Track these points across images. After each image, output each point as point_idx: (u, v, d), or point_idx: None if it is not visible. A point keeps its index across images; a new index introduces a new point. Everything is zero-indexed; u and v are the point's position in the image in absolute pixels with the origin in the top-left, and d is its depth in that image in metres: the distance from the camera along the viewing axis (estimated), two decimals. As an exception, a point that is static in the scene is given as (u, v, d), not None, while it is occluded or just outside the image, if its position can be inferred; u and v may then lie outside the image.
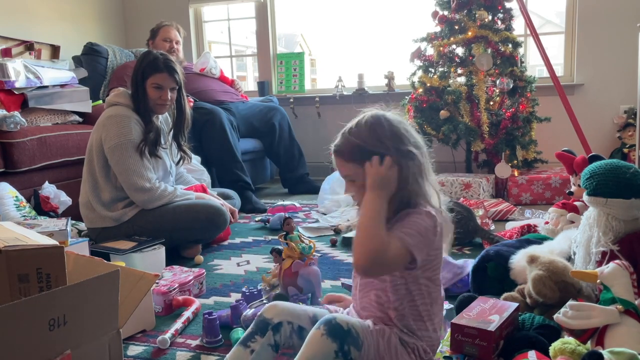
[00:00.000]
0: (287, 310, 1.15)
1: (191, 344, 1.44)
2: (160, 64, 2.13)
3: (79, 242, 1.87)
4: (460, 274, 1.71)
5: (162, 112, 2.23)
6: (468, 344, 1.16)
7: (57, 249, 0.99)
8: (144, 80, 2.13)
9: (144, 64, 2.14)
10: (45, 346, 0.87)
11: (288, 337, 1.13)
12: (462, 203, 2.39)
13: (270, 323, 1.12)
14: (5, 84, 2.56)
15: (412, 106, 3.39)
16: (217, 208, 2.23)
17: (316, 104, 4.20)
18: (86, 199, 2.19)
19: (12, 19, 3.50)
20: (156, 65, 2.12)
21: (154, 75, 2.12)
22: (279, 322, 1.13)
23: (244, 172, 3.24)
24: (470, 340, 1.16)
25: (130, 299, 1.15)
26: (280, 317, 1.13)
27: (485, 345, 1.15)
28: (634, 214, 1.35)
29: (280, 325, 1.13)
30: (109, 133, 2.10)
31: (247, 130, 3.54)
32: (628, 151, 3.47)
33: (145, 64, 2.13)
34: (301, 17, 6.34)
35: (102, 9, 4.37)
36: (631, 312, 1.09)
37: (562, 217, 1.96)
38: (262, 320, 1.13)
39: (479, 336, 1.16)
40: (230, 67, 4.70)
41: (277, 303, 1.17)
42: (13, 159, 2.43)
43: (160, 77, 2.13)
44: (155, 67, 2.12)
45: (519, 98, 3.23)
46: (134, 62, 3.44)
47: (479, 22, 3.24)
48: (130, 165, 2.09)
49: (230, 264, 2.15)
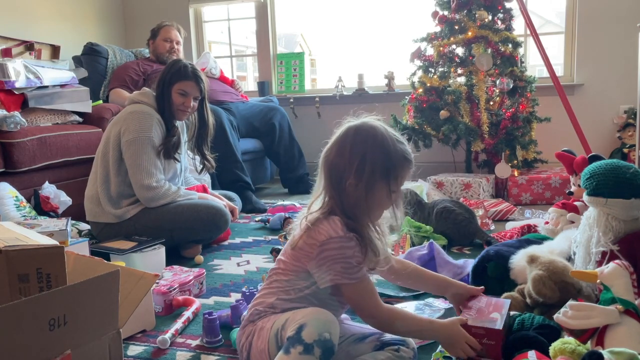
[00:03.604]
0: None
1: (191, 344, 1.44)
2: (189, 72, 2.20)
3: (79, 242, 1.87)
4: (460, 274, 1.71)
5: (182, 119, 2.29)
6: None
7: (57, 249, 0.99)
8: (171, 85, 2.19)
9: (172, 70, 2.21)
10: (45, 346, 0.87)
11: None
12: (463, 204, 2.39)
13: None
14: (5, 84, 2.56)
15: (412, 106, 3.39)
16: (219, 208, 2.23)
17: (316, 104, 4.20)
18: (94, 192, 2.21)
19: (12, 19, 3.50)
20: (185, 72, 2.20)
21: (181, 82, 2.19)
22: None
23: (244, 172, 3.24)
24: (478, 340, 1.15)
25: (130, 299, 1.15)
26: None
27: (494, 344, 1.15)
28: (634, 214, 1.35)
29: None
30: (129, 127, 2.14)
31: (247, 130, 3.54)
32: (628, 151, 3.47)
33: (175, 70, 2.20)
34: (301, 17, 6.34)
35: (102, 9, 4.37)
36: (631, 312, 1.09)
37: (562, 217, 1.96)
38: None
39: (487, 335, 1.15)
40: (230, 67, 4.70)
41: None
42: (13, 159, 2.43)
43: (186, 85, 2.20)
44: (184, 75, 2.20)
45: (519, 98, 3.23)
46: (134, 62, 3.48)
47: (479, 22, 3.24)
48: (143, 162, 2.12)
49: (230, 264, 2.15)
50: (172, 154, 2.22)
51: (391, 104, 3.94)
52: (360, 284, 1.14)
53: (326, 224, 1.13)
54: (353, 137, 1.14)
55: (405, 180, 1.18)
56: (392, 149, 1.13)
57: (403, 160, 1.15)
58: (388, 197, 1.15)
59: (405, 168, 1.16)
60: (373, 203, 1.15)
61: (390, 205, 1.19)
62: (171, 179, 2.29)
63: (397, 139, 1.16)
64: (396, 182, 1.15)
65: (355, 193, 1.13)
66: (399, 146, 1.15)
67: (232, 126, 3.31)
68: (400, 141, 1.16)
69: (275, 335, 1.10)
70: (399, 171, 1.15)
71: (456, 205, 2.32)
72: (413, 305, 1.54)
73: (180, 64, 2.23)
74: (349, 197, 1.14)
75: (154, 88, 2.25)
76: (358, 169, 1.12)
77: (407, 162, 1.16)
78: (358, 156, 1.12)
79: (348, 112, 1.21)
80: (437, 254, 1.77)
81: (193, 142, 2.37)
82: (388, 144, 1.13)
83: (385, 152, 1.13)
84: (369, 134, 1.14)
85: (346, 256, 1.11)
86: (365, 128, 1.15)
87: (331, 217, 1.14)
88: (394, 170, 1.14)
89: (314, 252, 1.12)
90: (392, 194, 1.16)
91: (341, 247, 1.11)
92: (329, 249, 1.11)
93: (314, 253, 1.12)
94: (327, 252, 1.11)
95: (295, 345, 1.02)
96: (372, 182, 1.12)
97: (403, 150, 1.15)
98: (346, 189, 1.14)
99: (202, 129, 2.35)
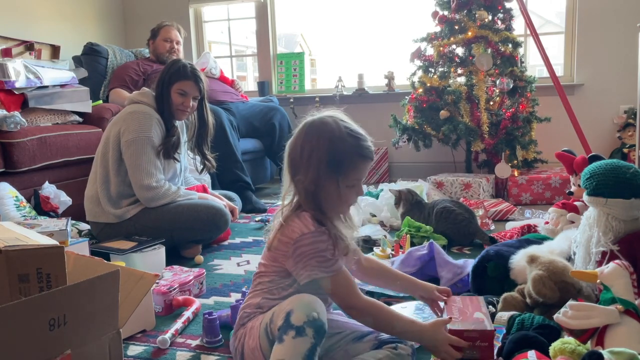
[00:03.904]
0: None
1: (191, 344, 1.44)
2: (188, 72, 2.20)
3: (79, 242, 1.87)
4: (460, 274, 1.70)
5: (181, 119, 2.29)
6: (468, 348, 1.14)
7: (57, 249, 0.99)
8: (170, 85, 2.19)
9: (172, 70, 2.20)
10: (45, 346, 0.87)
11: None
12: (463, 204, 2.39)
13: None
14: (5, 84, 2.56)
15: (412, 106, 3.39)
16: (219, 209, 2.23)
17: (316, 104, 4.20)
18: (94, 192, 2.21)
19: (12, 19, 3.50)
20: (184, 72, 2.20)
21: (180, 82, 2.19)
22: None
23: (244, 172, 3.23)
24: (471, 343, 1.14)
25: (130, 299, 1.15)
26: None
27: (487, 345, 1.14)
28: (634, 214, 1.35)
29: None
30: (129, 127, 2.14)
31: (247, 130, 3.54)
32: (628, 151, 3.47)
33: (174, 70, 2.20)
34: (301, 17, 6.33)
35: (102, 9, 4.37)
36: (631, 312, 1.09)
37: (562, 217, 1.96)
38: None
39: (480, 338, 1.14)
40: (230, 67, 4.70)
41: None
42: (13, 159, 2.43)
43: (185, 84, 2.20)
44: (183, 75, 2.19)
45: (519, 98, 3.23)
46: (134, 62, 3.48)
47: (479, 22, 3.24)
48: (142, 162, 2.13)
49: (230, 264, 2.15)
50: (171, 154, 2.22)
51: (391, 104, 3.94)
52: (337, 276, 1.15)
53: (297, 220, 1.15)
54: (305, 133, 1.16)
55: (362, 174, 1.18)
56: (341, 145, 1.13)
57: (354, 155, 1.14)
58: (342, 191, 1.15)
59: (356, 163, 1.15)
60: (327, 198, 1.15)
61: (353, 198, 1.19)
62: (171, 178, 2.29)
63: (352, 133, 1.15)
64: (347, 178, 1.15)
65: (305, 188, 1.14)
66: (351, 141, 1.14)
67: (232, 126, 3.31)
68: (356, 136, 1.15)
69: (265, 330, 1.11)
70: (349, 166, 1.14)
71: (456, 205, 2.32)
72: (413, 306, 1.53)
73: (179, 63, 2.23)
74: (300, 192, 1.16)
75: (153, 88, 2.25)
76: (306, 164, 1.13)
77: (358, 157, 1.15)
78: (307, 152, 1.14)
79: (348, 112, 1.22)
80: (437, 254, 1.76)
81: (193, 142, 2.37)
82: (336, 140, 1.13)
83: (333, 147, 1.13)
84: (318, 129, 1.15)
85: (319, 250, 1.13)
86: (316, 124, 1.16)
87: (302, 213, 1.16)
88: (341, 166, 1.13)
89: (289, 250, 1.14)
90: (347, 188, 1.16)
91: (313, 242, 1.12)
92: (302, 245, 1.13)
93: (289, 251, 1.14)
94: (301, 249, 1.13)
95: (287, 332, 1.03)
96: (318, 177, 1.13)
97: (355, 145, 1.15)
98: (296, 184, 1.16)
99: (202, 128, 2.35)
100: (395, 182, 3.23)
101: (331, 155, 1.13)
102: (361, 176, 1.18)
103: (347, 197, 1.18)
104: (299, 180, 1.15)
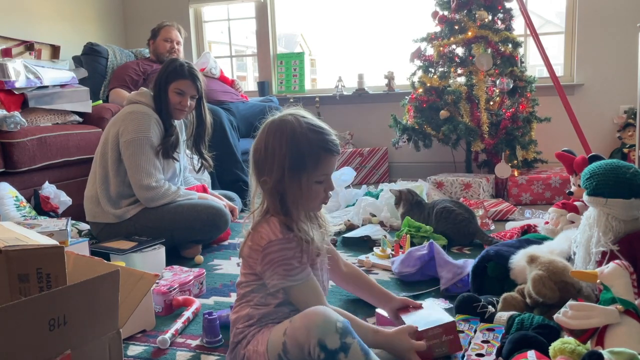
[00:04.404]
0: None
1: (191, 344, 1.44)
2: (185, 71, 2.20)
3: (79, 242, 1.87)
4: (460, 274, 1.70)
5: (179, 118, 2.29)
6: (436, 346, 1.16)
7: (57, 249, 0.99)
8: (167, 84, 2.19)
9: (169, 69, 2.20)
10: (45, 346, 0.87)
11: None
12: (463, 204, 2.39)
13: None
14: (5, 84, 2.56)
15: (412, 106, 3.39)
16: (219, 209, 2.23)
17: (316, 104, 4.20)
18: (93, 192, 2.21)
19: (12, 19, 3.50)
20: (181, 71, 2.19)
21: (177, 81, 2.19)
22: None
23: (244, 172, 3.23)
24: (438, 340, 1.16)
25: (130, 299, 1.15)
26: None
27: (453, 337, 1.17)
28: (634, 214, 1.35)
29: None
30: (127, 127, 2.14)
31: (247, 130, 3.54)
32: (628, 151, 3.47)
33: (171, 69, 2.20)
34: (301, 17, 6.33)
35: (102, 9, 4.37)
36: (631, 312, 1.09)
37: (562, 217, 1.96)
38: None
39: (445, 332, 1.17)
40: (230, 67, 4.70)
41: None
42: (13, 159, 2.43)
43: (183, 84, 2.20)
44: (180, 74, 2.19)
45: (519, 98, 3.24)
46: (134, 62, 3.48)
47: (479, 22, 3.24)
48: (142, 162, 2.13)
49: (230, 263, 2.15)
50: (170, 154, 2.23)
51: (391, 104, 3.94)
52: (305, 285, 1.14)
53: (266, 226, 1.14)
54: (267, 133, 1.15)
55: (329, 169, 1.16)
56: (303, 140, 1.12)
57: (317, 150, 1.13)
58: (311, 188, 1.14)
59: (321, 158, 1.14)
60: (295, 196, 1.14)
61: (323, 194, 1.18)
62: (170, 178, 2.29)
63: (314, 128, 1.14)
64: (313, 174, 1.14)
65: (271, 189, 1.14)
66: (314, 136, 1.13)
67: (232, 126, 3.31)
68: (318, 130, 1.14)
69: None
70: (313, 162, 1.13)
71: (456, 205, 2.32)
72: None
73: (176, 63, 2.22)
74: (266, 194, 1.15)
75: (152, 88, 2.25)
76: (270, 164, 1.13)
77: (322, 151, 1.14)
78: (270, 151, 1.13)
79: (348, 112, 1.21)
80: (437, 254, 1.77)
81: (191, 141, 2.37)
82: (298, 136, 1.12)
83: (295, 144, 1.12)
84: (279, 127, 1.14)
85: (287, 258, 1.12)
86: (276, 123, 1.15)
87: (270, 219, 1.15)
88: (306, 162, 1.12)
89: (259, 257, 1.13)
90: (315, 185, 1.15)
91: (280, 249, 1.12)
92: (270, 252, 1.12)
93: (259, 258, 1.13)
94: (269, 256, 1.12)
95: (337, 358, 1.00)
96: (284, 176, 1.12)
97: (319, 140, 1.14)
98: (262, 186, 1.15)
99: (200, 127, 2.35)
100: (395, 182, 3.23)
101: (294, 151, 1.12)
102: (329, 171, 1.17)
103: (316, 194, 1.16)
104: (265, 182, 1.14)
